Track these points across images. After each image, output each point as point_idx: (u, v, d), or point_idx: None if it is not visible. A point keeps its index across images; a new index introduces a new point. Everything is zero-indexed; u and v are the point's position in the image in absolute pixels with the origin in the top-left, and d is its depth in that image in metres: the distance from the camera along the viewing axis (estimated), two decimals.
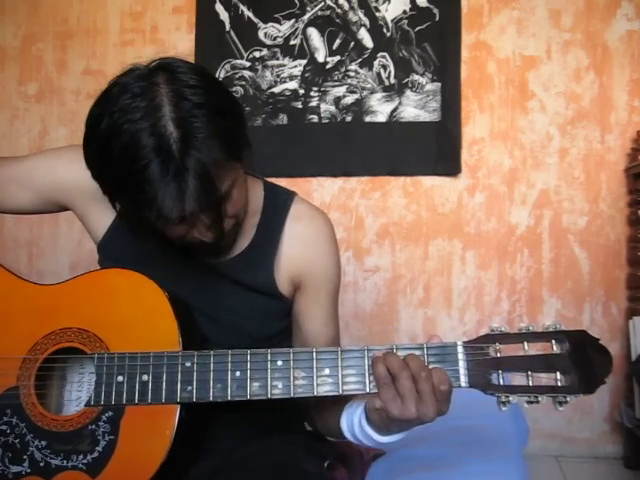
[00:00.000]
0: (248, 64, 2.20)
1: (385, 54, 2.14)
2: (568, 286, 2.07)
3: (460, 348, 0.73)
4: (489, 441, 1.06)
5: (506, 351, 0.72)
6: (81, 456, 0.78)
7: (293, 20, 2.18)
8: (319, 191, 2.18)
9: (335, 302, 0.97)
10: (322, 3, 2.17)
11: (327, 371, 0.75)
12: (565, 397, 0.69)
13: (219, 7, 2.22)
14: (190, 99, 0.71)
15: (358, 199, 2.17)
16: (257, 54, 2.20)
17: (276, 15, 2.18)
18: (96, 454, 0.78)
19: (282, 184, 0.98)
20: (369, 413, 0.77)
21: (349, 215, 2.18)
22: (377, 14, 2.14)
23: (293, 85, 2.18)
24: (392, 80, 2.13)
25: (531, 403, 0.70)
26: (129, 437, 0.78)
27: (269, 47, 2.20)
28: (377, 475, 1.03)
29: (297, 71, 2.18)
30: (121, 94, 0.71)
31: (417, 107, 2.12)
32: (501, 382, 0.71)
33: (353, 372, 0.74)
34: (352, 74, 2.15)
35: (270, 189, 0.96)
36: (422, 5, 2.12)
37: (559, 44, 2.09)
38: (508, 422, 1.15)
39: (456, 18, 2.11)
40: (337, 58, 2.16)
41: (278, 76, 2.19)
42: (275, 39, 2.19)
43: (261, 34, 2.20)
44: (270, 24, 2.19)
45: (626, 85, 2.05)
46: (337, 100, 2.15)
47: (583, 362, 0.69)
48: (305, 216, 0.93)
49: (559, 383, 0.70)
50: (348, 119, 2.15)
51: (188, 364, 0.77)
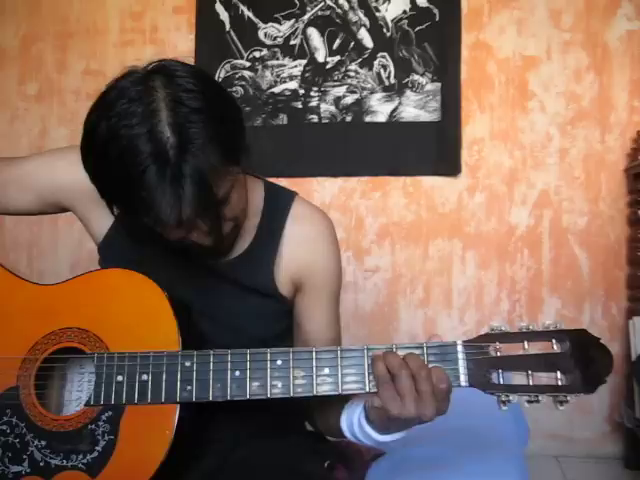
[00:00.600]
0: (248, 64, 2.20)
1: (385, 54, 2.14)
2: (568, 286, 2.07)
3: (460, 347, 0.73)
4: (489, 441, 1.06)
5: (506, 350, 0.72)
6: (81, 456, 0.78)
7: (293, 20, 2.18)
8: (319, 191, 2.18)
9: (336, 303, 0.96)
10: (322, 3, 2.17)
11: (327, 370, 0.74)
12: (566, 396, 0.69)
13: (219, 7, 2.22)
14: (187, 104, 0.70)
15: (358, 199, 2.17)
16: (257, 54, 2.20)
17: (276, 15, 2.18)
18: (96, 454, 0.78)
19: (282, 184, 0.97)
20: (368, 412, 0.77)
21: (349, 215, 2.18)
22: (377, 14, 2.14)
23: (293, 85, 2.18)
24: (392, 80, 2.13)
25: (531, 402, 0.70)
26: (129, 437, 0.77)
27: (269, 47, 2.20)
28: (377, 475, 1.03)
29: (297, 71, 2.18)
30: (118, 98, 0.70)
31: (417, 107, 2.12)
32: (501, 381, 0.71)
33: (353, 372, 0.74)
34: (352, 74, 2.15)
35: (270, 189, 0.95)
36: (422, 5, 2.13)
37: (559, 44, 2.09)
38: (508, 422, 1.14)
39: (456, 18, 2.11)
40: (337, 58, 2.16)
41: (278, 76, 2.19)
42: (275, 39, 2.19)
43: (261, 34, 2.20)
44: (270, 24, 2.19)
45: (626, 85, 2.05)
46: (337, 100, 2.15)
47: (584, 361, 0.69)
48: (306, 216, 0.93)
49: (559, 382, 0.70)
50: (348, 119, 2.15)
51: (188, 364, 0.77)
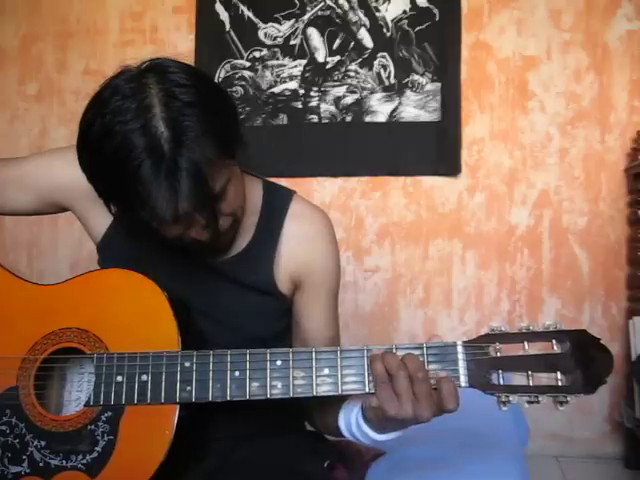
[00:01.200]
0: (248, 64, 2.20)
1: (385, 54, 2.14)
2: (568, 286, 2.07)
3: (460, 348, 0.72)
4: (489, 441, 1.06)
5: (506, 351, 0.72)
6: (80, 456, 0.78)
7: (293, 20, 2.18)
8: (319, 191, 2.18)
9: (335, 301, 0.96)
10: (322, 3, 2.17)
11: (326, 371, 0.74)
12: (566, 397, 0.69)
13: (219, 7, 2.21)
14: (180, 98, 0.70)
15: (358, 199, 2.17)
16: (257, 54, 2.20)
17: (276, 15, 2.18)
18: (95, 454, 0.78)
19: (282, 184, 0.98)
20: (366, 411, 0.77)
21: (349, 215, 2.17)
22: (377, 14, 2.14)
23: (293, 85, 2.18)
24: (392, 80, 2.13)
25: (531, 403, 0.70)
26: (128, 437, 0.77)
27: (269, 47, 2.19)
28: (377, 475, 1.03)
29: (297, 71, 2.18)
30: (112, 96, 0.71)
31: (417, 107, 2.12)
32: (501, 382, 0.71)
33: (352, 372, 0.74)
34: (352, 74, 2.15)
35: (269, 188, 0.95)
36: (422, 5, 2.13)
37: (559, 44, 2.09)
38: (508, 422, 1.14)
39: (456, 18, 2.11)
40: (337, 58, 2.16)
41: (278, 76, 2.19)
42: (275, 39, 2.19)
43: (261, 34, 2.20)
44: (270, 24, 2.19)
45: (626, 85, 2.05)
46: (337, 100, 2.15)
47: (584, 362, 0.69)
48: (305, 215, 0.93)
49: (560, 383, 0.69)
50: (348, 119, 2.15)
51: (187, 364, 0.77)
